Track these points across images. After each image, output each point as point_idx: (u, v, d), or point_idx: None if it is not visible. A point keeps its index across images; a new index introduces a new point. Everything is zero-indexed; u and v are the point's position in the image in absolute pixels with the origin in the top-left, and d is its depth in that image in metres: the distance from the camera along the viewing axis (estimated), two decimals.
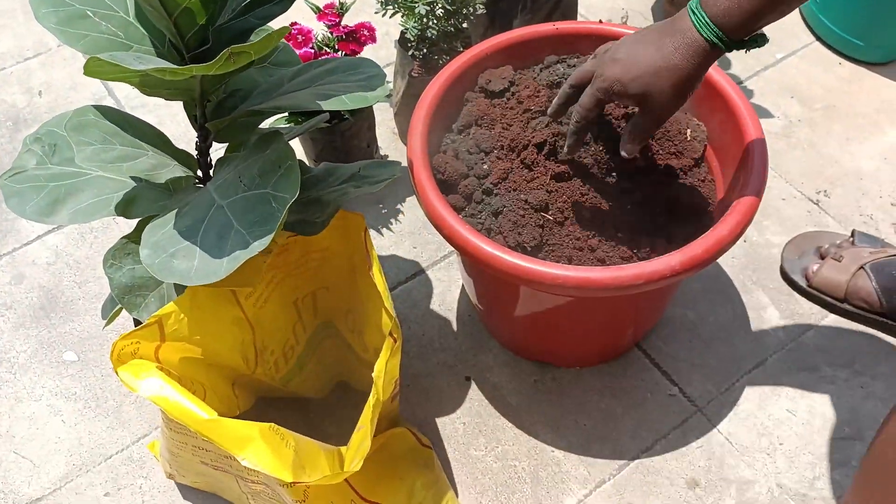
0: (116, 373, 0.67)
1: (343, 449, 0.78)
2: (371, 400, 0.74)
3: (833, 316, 1.10)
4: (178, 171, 0.79)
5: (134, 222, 0.85)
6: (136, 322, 0.84)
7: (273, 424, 0.66)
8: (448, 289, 1.15)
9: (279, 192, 0.70)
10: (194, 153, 0.84)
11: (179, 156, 0.82)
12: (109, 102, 1.39)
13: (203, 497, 0.96)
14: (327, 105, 0.74)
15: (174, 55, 0.77)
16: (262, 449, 0.64)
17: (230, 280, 0.69)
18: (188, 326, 0.74)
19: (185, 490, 0.97)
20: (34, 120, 1.36)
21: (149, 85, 0.69)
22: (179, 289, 0.78)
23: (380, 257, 1.19)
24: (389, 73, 1.42)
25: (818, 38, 1.46)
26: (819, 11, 1.44)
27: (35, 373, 1.08)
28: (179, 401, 0.64)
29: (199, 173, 0.84)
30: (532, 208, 0.90)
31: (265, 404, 0.99)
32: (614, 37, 1.02)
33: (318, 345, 0.97)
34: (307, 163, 1.26)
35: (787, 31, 1.48)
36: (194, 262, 0.69)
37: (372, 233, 1.21)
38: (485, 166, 0.94)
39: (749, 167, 0.88)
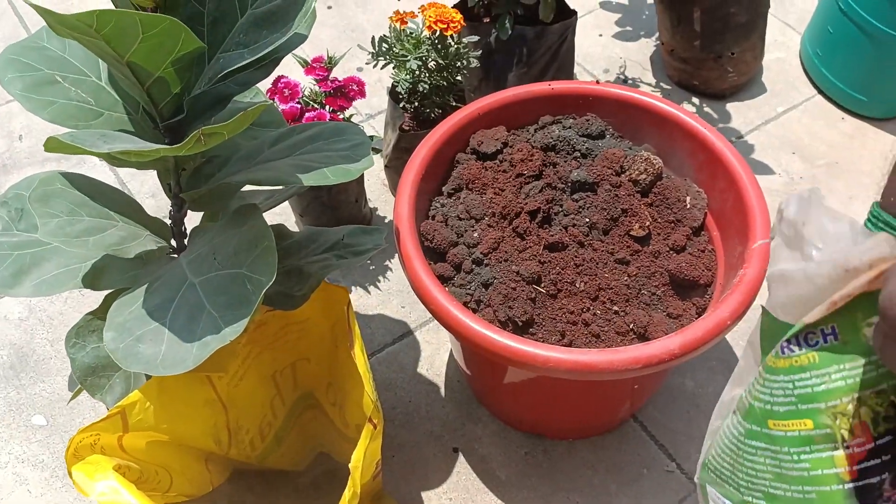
0: (70, 473, 0.62)
1: None
2: (347, 493, 0.70)
3: None
4: (149, 242, 0.75)
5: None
6: None
7: None
8: (437, 352, 1.11)
9: (255, 273, 0.66)
10: (168, 221, 0.79)
11: (152, 224, 0.78)
12: None
13: None
14: (308, 180, 0.70)
15: (148, 123, 0.73)
16: None
17: (201, 366, 0.64)
18: (154, 415, 0.69)
19: None
20: (14, 165, 1.32)
21: (117, 160, 0.65)
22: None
23: (366, 317, 1.14)
24: (380, 121, 1.39)
25: (820, 92, 1.43)
26: (821, 64, 1.41)
27: (1, 437, 1.03)
28: None
29: (174, 243, 0.80)
30: (524, 280, 0.86)
31: (241, 477, 0.94)
32: (612, 98, 0.98)
33: (298, 417, 0.92)
34: (293, 217, 1.22)
35: (788, 83, 1.45)
36: (161, 348, 0.65)
37: (358, 291, 1.17)
38: (475, 234, 0.90)
39: (751, 243, 0.84)
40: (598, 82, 1.00)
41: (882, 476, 0.36)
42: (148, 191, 1.30)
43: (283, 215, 1.24)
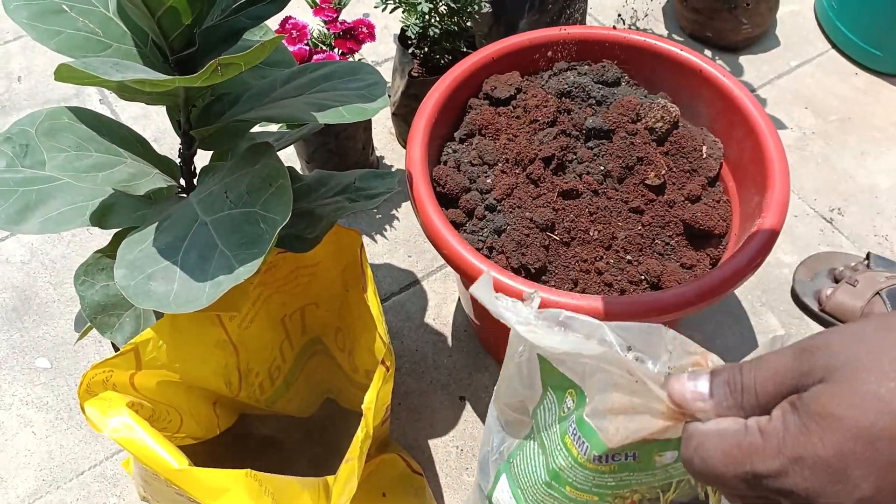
0: (82, 408, 0.61)
1: (330, 479, 0.73)
2: (360, 434, 0.69)
3: None
4: (158, 180, 0.73)
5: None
6: (115, 346, 0.79)
7: (249, 471, 0.61)
8: (444, 301, 1.10)
9: (269, 212, 0.64)
10: (177, 159, 0.78)
11: (161, 163, 0.76)
12: (91, 91, 1.33)
13: None
14: (323, 118, 0.68)
15: (157, 56, 0.71)
16: (237, 499, 0.59)
17: (214, 305, 0.63)
18: (167, 353, 0.68)
19: None
20: (13, 107, 1.29)
21: (128, 91, 0.63)
22: (158, 311, 0.72)
23: (373, 266, 1.13)
24: (387, 69, 1.36)
25: (834, 46, 1.41)
26: (836, 18, 1.39)
27: (5, 380, 1.02)
28: (149, 445, 0.58)
29: (183, 182, 0.78)
30: (537, 227, 0.85)
31: (248, 422, 0.94)
32: (628, 44, 0.96)
33: (306, 362, 0.92)
34: (298, 164, 1.20)
35: (802, 37, 1.42)
36: (174, 286, 0.63)
37: (365, 240, 1.15)
38: (488, 180, 0.88)
39: (769, 192, 0.83)
40: (614, 27, 0.98)
41: None
42: (150, 136, 1.27)
43: (288, 162, 1.22)
